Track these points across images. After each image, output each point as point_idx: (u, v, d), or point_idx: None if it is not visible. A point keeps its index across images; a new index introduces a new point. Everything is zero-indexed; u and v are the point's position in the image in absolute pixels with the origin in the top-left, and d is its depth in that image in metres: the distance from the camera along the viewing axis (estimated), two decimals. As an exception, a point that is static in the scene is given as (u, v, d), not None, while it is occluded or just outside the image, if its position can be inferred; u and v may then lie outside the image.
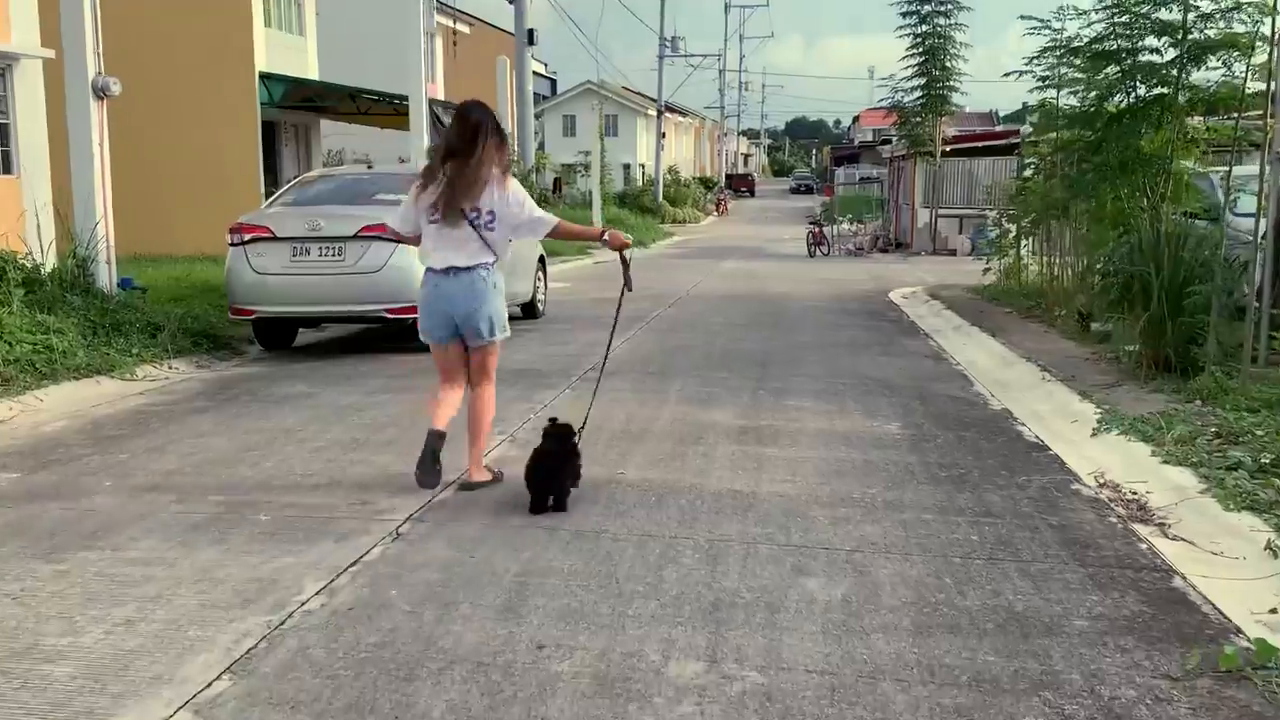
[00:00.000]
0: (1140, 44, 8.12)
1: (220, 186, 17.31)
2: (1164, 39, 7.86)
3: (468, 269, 4.73)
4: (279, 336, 9.61)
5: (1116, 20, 8.15)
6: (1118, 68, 8.29)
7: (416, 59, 17.74)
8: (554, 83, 63.85)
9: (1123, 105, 8.48)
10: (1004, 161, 26.60)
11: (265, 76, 18.33)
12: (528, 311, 12.05)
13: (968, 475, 5.30)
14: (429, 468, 4.86)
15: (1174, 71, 8.03)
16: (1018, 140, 26.38)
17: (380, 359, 8.99)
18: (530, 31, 24.58)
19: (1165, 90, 8.06)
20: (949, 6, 26.87)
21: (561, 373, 8.24)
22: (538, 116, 58.11)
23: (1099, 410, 6.55)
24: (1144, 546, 4.24)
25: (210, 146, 17.74)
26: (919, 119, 27.28)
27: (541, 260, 12.38)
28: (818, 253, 27.11)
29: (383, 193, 9.38)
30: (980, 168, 27.11)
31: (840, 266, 22.95)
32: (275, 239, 8.84)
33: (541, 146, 42.53)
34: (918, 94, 27.26)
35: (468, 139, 4.65)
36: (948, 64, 27.04)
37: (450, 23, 26.71)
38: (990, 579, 3.82)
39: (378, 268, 8.69)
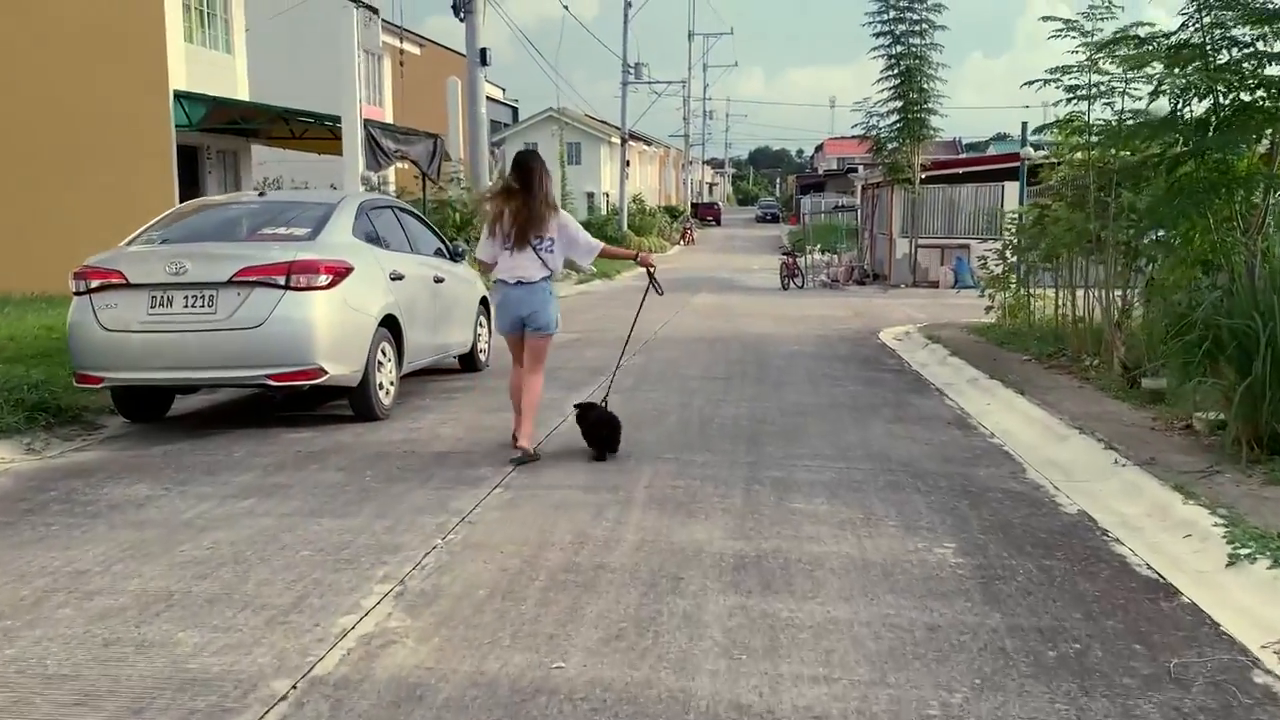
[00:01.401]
0: (1232, 36, 6.44)
1: (131, 218, 15.07)
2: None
3: (532, 282, 6.19)
4: (147, 405, 7.67)
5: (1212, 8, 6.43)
6: (1204, 66, 6.58)
7: (350, 78, 15.92)
8: (515, 110, 62.28)
9: (1210, 110, 6.78)
10: (989, 189, 25.23)
11: (183, 96, 16.40)
12: (466, 364, 10.17)
13: (1087, 654, 3.49)
14: (519, 460, 6.13)
15: None
16: (1009, 165, 25.06)
17: (266, 436, 7.06)
18: (483, 51, 22.77)
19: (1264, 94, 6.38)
20: (923, 26, 25.49)
21: (493, 458, 6.36)
22: (499, 144, 56.40)
23: (1217, 518, 4.79)
24: None
25: (118, 173, 15.71)
26: (896, 144, 25.80)
27: (484, 304, 10.52)
28: (791, 285, 25.48)
29: (272, 226, 7.51)
30: (962, 195, 25.69)
31: (818, 301, 21.27)
32: (129, 286, 6.91)
33: (503, 174, 40.80)
34: (894, 118, 25.80)
35: (528, 182, 6.14)
36: (925, 86, 25.61)
37: (397, 42, 24.90)
38: None
39: (258, 321, 6.78)
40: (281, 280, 6.83)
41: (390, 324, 7.78)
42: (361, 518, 5.05)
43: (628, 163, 51.62)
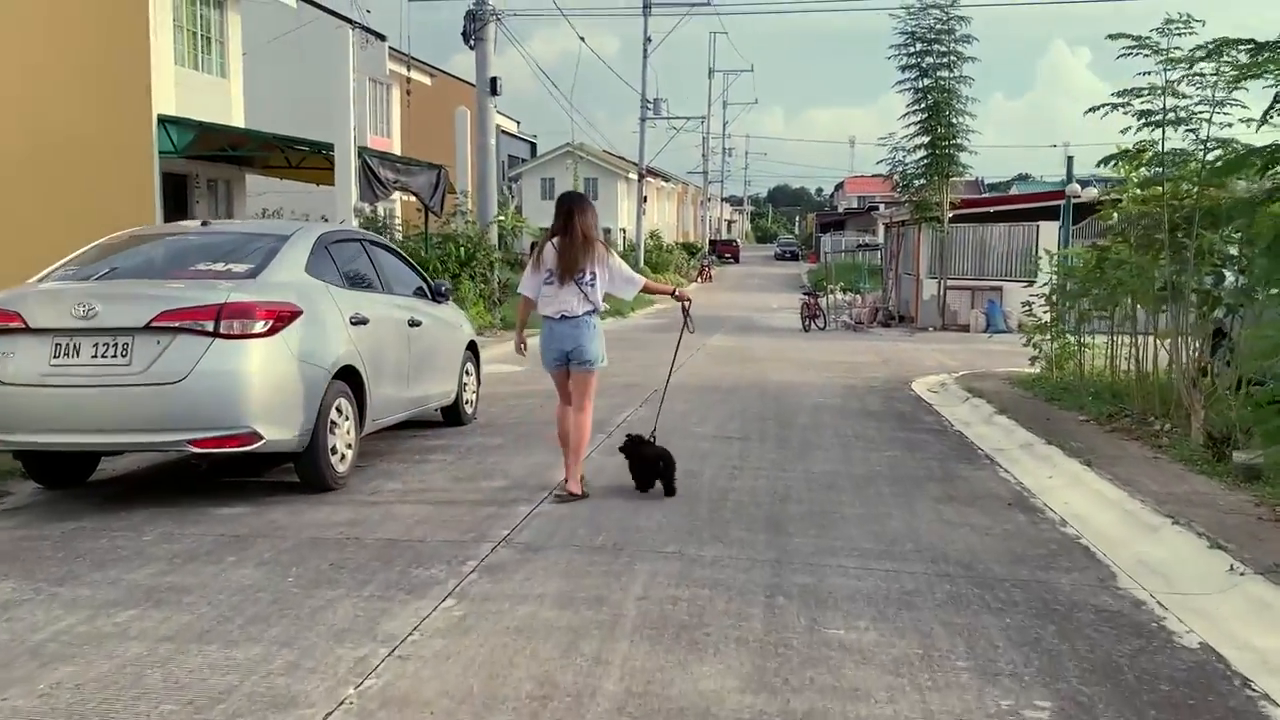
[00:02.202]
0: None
1: (108, 249, 14.27)
2: None
3: (576, 316, 6.23)
4: (63, 470, 6.51)
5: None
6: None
7: (344, 102, 14.93)
8: (534, 146, 61.82)
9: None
10: (1023, 229, 24.03)
11: (168, 121, 15.43)
12: (450, 417, 9.00)
13: None
14: (567, 497, 6.23)
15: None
16: (1046, 204, 23.84)
17: (190, 512, 5.87)
18: (493, 80, 21.88)
19: None
20: (951, 58, 24.43)
21: (453, 550, 5.15)
22: (516, 179, 55.89)
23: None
24: None
25: (97, 200, 14.72)
26: (924, 181, 24.65)
27: (473, 349, 9.37)
28: (813, 326, 24.26)
29: (209, 261, 6.37)
30: (994, 235, 24.47)
31: (842, 344, 20.03)
32: (29, 331, 5.77)
33: (519, 210, 39.85)
34: (921, 154, 24.69)
35: (569, 220, 6.24)
36: (954, 120, 24.50)
37: (405, 71, 24.01)
38: None
39: (179, 376, 5.62)
40: (209, 326, 5.68)
41: (349, 376, 6.62)
42: (261, 645, 3.84)
43: (645, 198, 50.75)
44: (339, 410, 6.48)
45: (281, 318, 5.94)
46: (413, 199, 19.56)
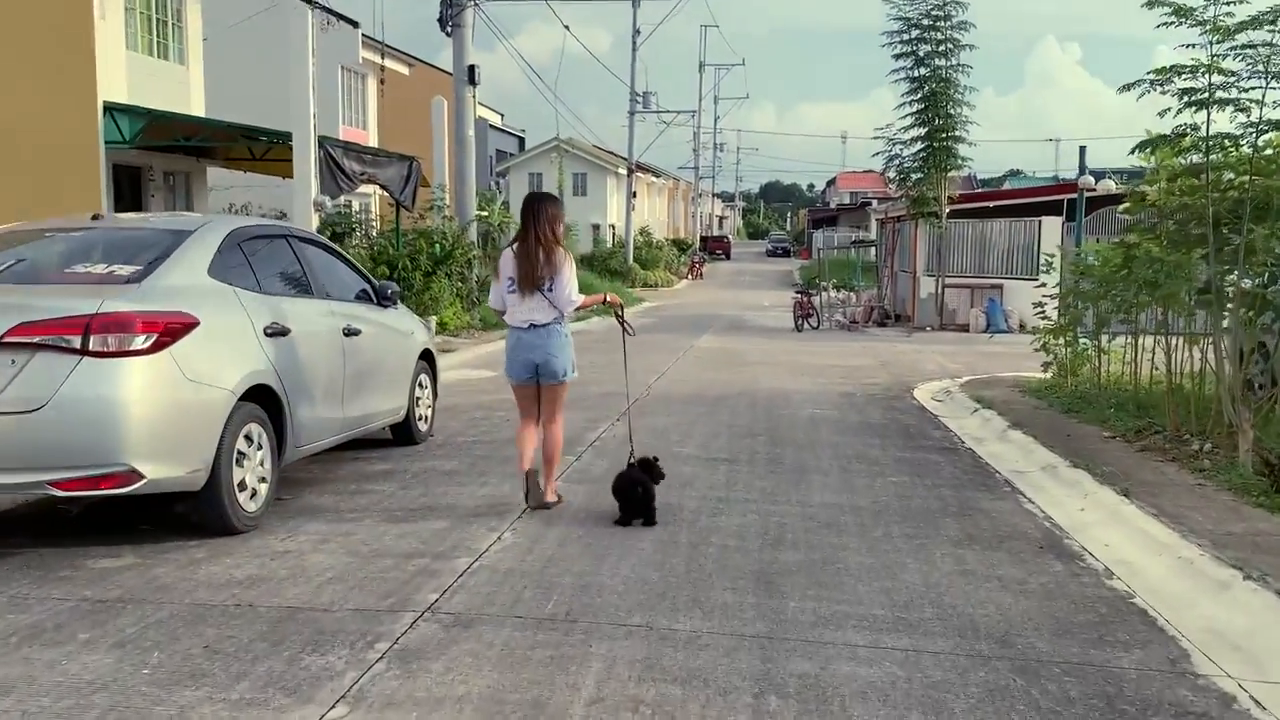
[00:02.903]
0: None
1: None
2: None
3: (544, 325, 5.88)
4: (-77, 507, 5.49)
5: None
6: None
7: (303, 87, 13.84)
8: (522, 140, 60.74)
9: None
10: (1024, 224, 23.08)
11: (115, 109, 14.35)
12: (401, 436, 8.00)
13: None
14: (535, 494, 5.97)
15: None
16: (1051, 198, 22.87)
17: (63, 563, 4.84)
18: (471, 69, 20.85)
19: None
20: (948, 46, 23.44)
21: (363, 622, 4.12)
22: (503, 174, 54.74)
23: None
24: None
25: (38, 193, 13.64)
26: (921, 175, 23.67)
27: (428, 359, 8.36)
28: (805, 326, 23.30)
29: (89, 262, 5.35)
30: (994, 231, 23.51)
31: (836, 346, 19.05)
32: None
33: (506, 205, 38.80)
34: (918, 146, 23.70)
35: (526, 225, 5.92)
36: (951, 111, 23.52)
37: (378, 58, 22.93)
38: None
39: (37, 403, 4.59)
40: (75, 342, 4.66)
41: (263, 397, 5.61)
42: (68, 788, 2.83)
43: (634, 194, 49.74)
44: (249, 439, 5.47)
45: (170, 331, 4.92)
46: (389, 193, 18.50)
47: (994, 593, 4.71)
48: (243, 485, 5.41)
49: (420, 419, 8.20)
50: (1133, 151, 7.72)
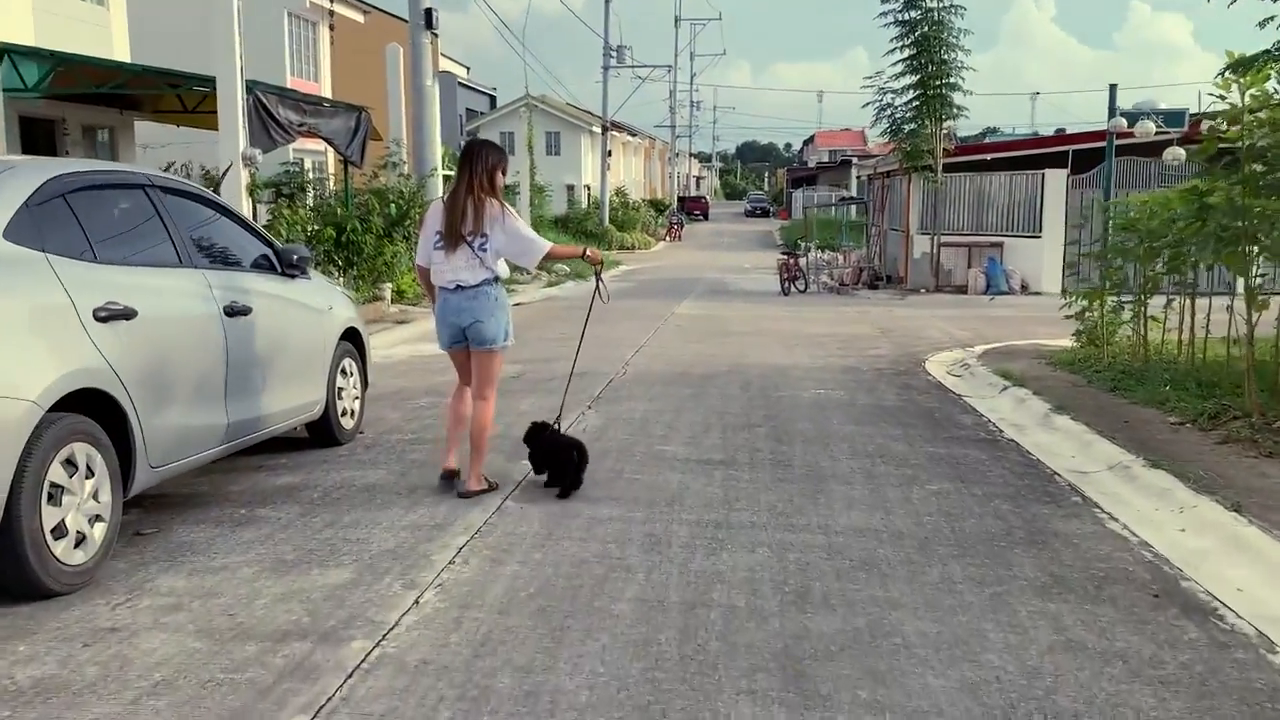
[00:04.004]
0: None
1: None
2: None
3: (471, 286, 5.26)
4: None
5: None
6: None
7: (227, 24, 12.08)
8: (493, 99, 58.69)
9: None
10: (1025, 178, 21.61)
11: (13, 51, 12.54)
12: (320, 436, 6.49)
13: None
14: (447, 488, 5.40)
15: None
16: (1056, 149, 21.39)
17: None
18: (429, 12, 19.13)
19: None
20: (940, -17, 21.75)
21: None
22: (473, 133, 52.60)
23: None
24: None
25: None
26: (913, 126, 22.09)
27: (352, 340, 6.82)
28: (793, 289, 21.81)
29: None
30: (993, 185, 22.01)
31: (829, 311, 17.59)
32: None
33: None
34: (910, 95, 22.10)
35: (460, 171, 5.29)
36: (945, 56, 21.89)
37: (327, 4, 21.04)
38: None
39: None
40: None
41: (93, 406, 4.07)
42: None
43: (609, 153, 47.94)
44: (70, 464, 3.93)
45: (-83, 320, 3.35)
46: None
47: (1123, 685, 3.27)
48: (60, 530, 3.88)
49: (344, 414, 6.67)
50: (1218, 76, 6.21)
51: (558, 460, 5.45)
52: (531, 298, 19.62)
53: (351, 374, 6.83)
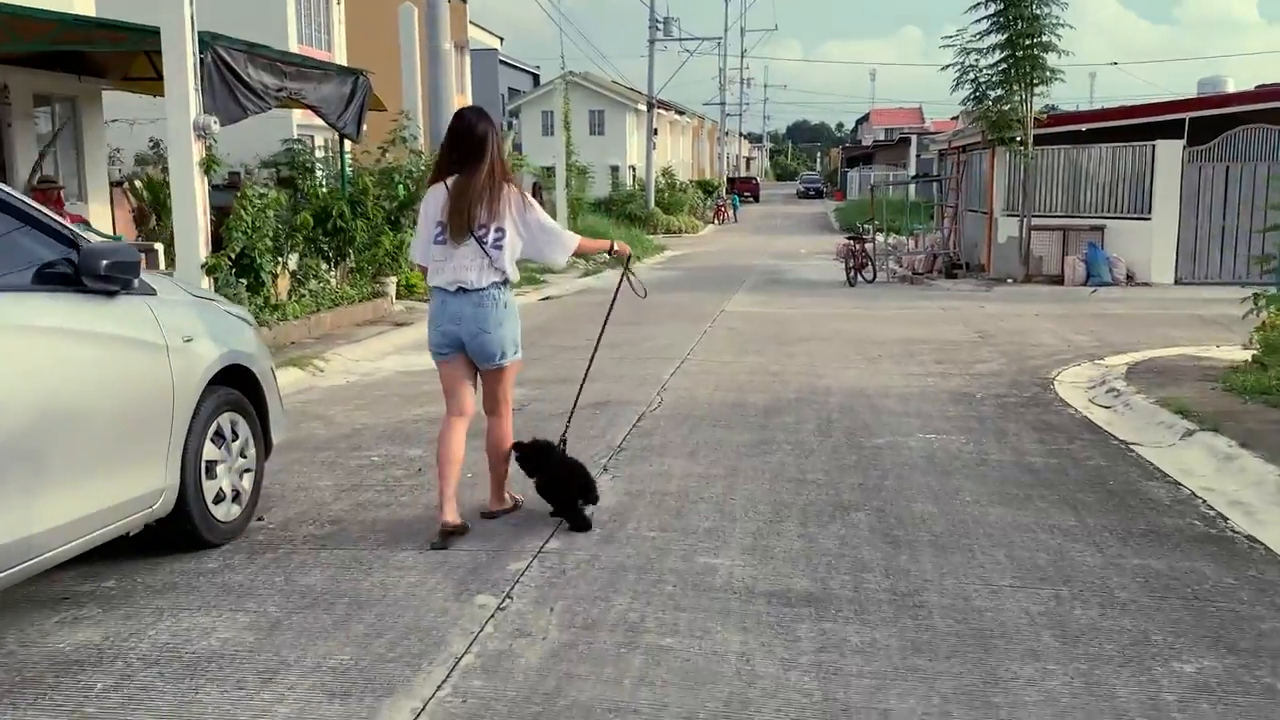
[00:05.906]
0: None
1: None
2: None
3: (477, 289, 4.44)
4: None
5: None
6: None
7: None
8: (536, 77, 56.43)
9: None
10: (1132, 150, 18.73)
11: (-71, 1, 10.37)
12: (177, 534, 4.16)
13: None
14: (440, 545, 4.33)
15: None
16: (1168, 117, 18.48)
17: None
18: (445, -34, 16.73)
19: None
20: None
21: None
22: (515, 113, 50.37)
23: None
24: None
25: None
26: (1000, 92, 19.28)
27: (245, 388, 4.48)
28: (860, 279, 19.22)
29: None
30: (1092, 159, 19.13)
31: (906, 307, 14.98)
32: None
33: (518, 147, 34.67)
34: (996, 57, 19.29)
35: (468, 149, 4.42)
36: (1037, 10, 19.03)
37: (335, -41, 18.77)
38: None
39: None
40: None
41: None
42: None
43: (655, 131, 45.32)
44: None
45: None
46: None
47: None
48: None
49: (225, 498, 4.33)
50: None
51: (562, 496, 4.60)
52: (563, 290, 17.23)
53: (239, 437, 4.49)
